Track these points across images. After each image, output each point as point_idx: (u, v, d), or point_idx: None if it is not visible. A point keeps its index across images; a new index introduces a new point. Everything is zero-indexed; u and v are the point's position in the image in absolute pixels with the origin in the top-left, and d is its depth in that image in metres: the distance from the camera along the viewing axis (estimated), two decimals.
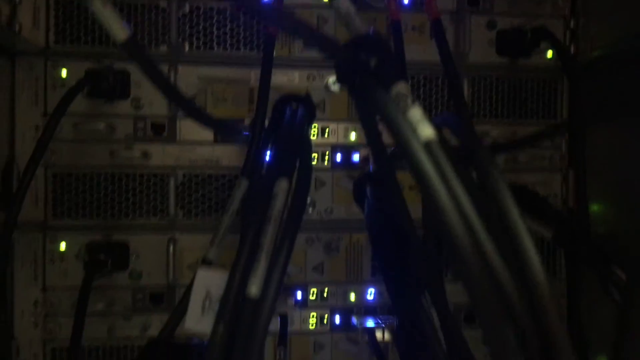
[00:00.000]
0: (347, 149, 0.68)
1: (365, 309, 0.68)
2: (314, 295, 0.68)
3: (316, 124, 0.68)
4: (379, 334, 0.65)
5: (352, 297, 0.68)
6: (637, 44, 0.63)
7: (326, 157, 0.68)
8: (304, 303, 0.68)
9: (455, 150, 0.33)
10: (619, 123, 0.67)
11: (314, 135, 0.68)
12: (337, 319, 0.68)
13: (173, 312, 0.48)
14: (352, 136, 0.69)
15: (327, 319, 0.68)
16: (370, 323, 0.66)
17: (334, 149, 0.68)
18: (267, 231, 0.33)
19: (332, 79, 0.68)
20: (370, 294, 0.68)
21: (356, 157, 0.68)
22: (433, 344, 0.35)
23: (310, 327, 0.68)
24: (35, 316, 0.63)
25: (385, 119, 0.26)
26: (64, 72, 0.64)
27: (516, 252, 0.24)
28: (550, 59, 0.71)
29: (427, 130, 0.26)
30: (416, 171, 0.23)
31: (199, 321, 0.32)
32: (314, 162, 0.68)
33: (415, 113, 0.27)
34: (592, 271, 0.46)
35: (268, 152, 0.51)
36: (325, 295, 0.68)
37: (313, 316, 0.68)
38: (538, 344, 0.22)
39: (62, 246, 0.64)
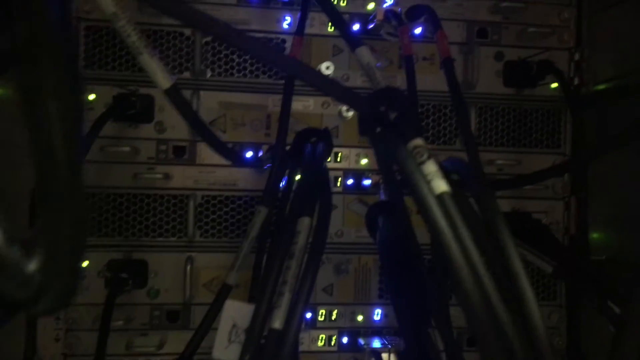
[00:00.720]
0: (359, 174, 0.71)
1: (372, 330, 0.71)
2: (323, 317, 0.70)
3: None
4: (384, 355, 0.67)
5: (360, 318, 0.71)
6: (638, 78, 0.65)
7: (338, 181, 0.71)
8: (313, 323, 0.70)
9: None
10: (623, 152, 0.69)
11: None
12: (345, 340, 0.70)
13: (195, 334, 0.50)
14: (364, 161, 0.71)
15: (334, 339, 0.71)
16: (376, 344, 0.68)
17: (346, 173, 0.71)
18: (291, 267, 0.35)
19: (345, 106, 0.70)
20: (377, 315, 0.71)
21: (367, 182, 0.71)
22: None
23: (319, 346, 0.70)
24: (57, 330, 0.66)
25: (404, 172, 0.28)
26: (91, 96, 0.67)
27: (519, 296, 0.26)
28: (554, 89, 0.74)
29: (440, 184, 0.29)
30: (430, 222, 0.26)
31: (225, 350, 0.35)
32: None
33: (430, 167, 0.29)
34: (589, 305, 0.48)
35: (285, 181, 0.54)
36: (333, 316, 0.71)
37: (322, 337, 0.70)
38: None
39: (85, 264, 0.66)
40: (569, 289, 0.62)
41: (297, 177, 0.50)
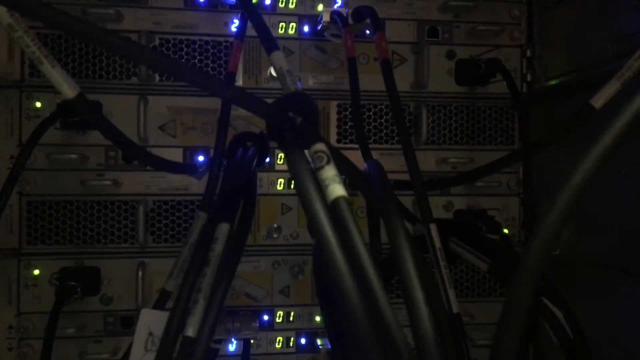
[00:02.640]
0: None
1: None
2: (280, 318, 0.70)
3: None
4: None
5: (318, 318, 0.71)
6: (588, 73, 0.66)
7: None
8: (271, 325, 0.70)
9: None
10: (571, 147, 0.70)
11: None
12: (303, 341, 0.70)
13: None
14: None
15: (292, 341, 0.71)
16: None
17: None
18: (206, 274, 0.35)
19: None
20: None
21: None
22: None
23: (277, 348, 0.70)
24: (10, 340, 0.66)
25: (293, 179, 0.28)
26: (38, 104, 0.67)
27: (409, 309, 0.26)
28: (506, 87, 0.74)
29: (336, 189, 0.29)
30: (317, 232, 0.26)
31: (142, 358, 0.34)
32: (279, 188, 0.71)
33: (329, 172, 0.29)
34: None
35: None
36: (291, 317, 0.71)
37: (279, 339, 0.70)
38: None
39: (36, 272, 0.66)
40: (505, 287, 0.62)
41: None
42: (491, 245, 0.54)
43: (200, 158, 0.69)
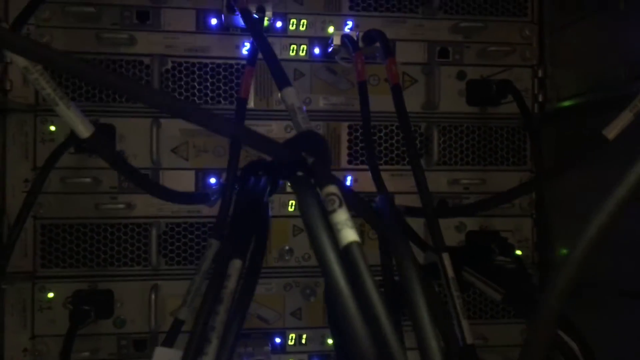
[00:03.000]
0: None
1: None
2: (292, 341, 0.70)
3: None
4: None
5: (330, 341, 0.71)
6: (601, 95, 0.65)
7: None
8: (283, 348, 0.70)
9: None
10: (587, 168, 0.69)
11: None
12: None
13: None
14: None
15: None
16: None
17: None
18: (219, 312, 0.35)
19: None
20: None
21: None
22: None
23: None
24: None
25: (304, 222, 0.28)
26: (52, 127, 0.67)
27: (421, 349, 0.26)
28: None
29: (349, 234, 0.29)
30: (329, 280, 0.26)
31: None
32: (291, 209, 0.71)
33: (341, 216, 0.29)
34: None
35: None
36: (303, 340, 0.70)
37: None
38: None
39: (50, 295, 0.67)
40: (518, 315, 0.62)
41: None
42: (505, 274, 0.54)
43: (212, 180, 0.70)
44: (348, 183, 0.72)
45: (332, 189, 0.31)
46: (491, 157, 0.74)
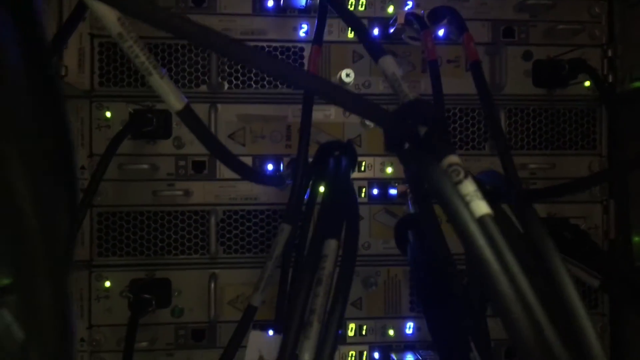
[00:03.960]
0: (384, 184, 0.69)
1: (405, 345, 0.68)
2: (352, 331, 0.68)
3: None
4: None
5: (391, 332, 0.68)
6: None
7: (363, 192, 0.69)
8: (343, 339, 0.68)
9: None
10: None
11: None
12: (376, 355, 0.68)
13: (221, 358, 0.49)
14: (389, 170, 0.69)
15: (365, 355, 0.68)
16: (409, 358, 0.65)
17: (371, 183, 0.69)
18: (319, 294, 0.33)
19: None
20: (409, 328, 0.68)
21: (393, 192, 0.68)
22: None
23: None
24: (81, 353, 0.65)
25: (437, 195, 0.26)
26: (108, 114, 0.66)
27: (569, 313, 0.24)
28: (588, 88, 0.70)
29: (481, 206, 0.26)
30: (473, 252, 0.24)
31: None
32: None
33: (469, 187, 0.27)
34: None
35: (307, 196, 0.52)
36: (363, 331, 0.68)
37: (352, 353, 0.68)
38: None
39: (107, 284, 0.65)
40: (614, 301, 0.58)
41: (321, 190, 0.48)
42: (600, 258, 0.50)
43: (269, 167, 0.68)
44: None
45: (454, 159, 0.28)
46: (559, 140, 0.70)
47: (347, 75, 0.67)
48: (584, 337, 0.23)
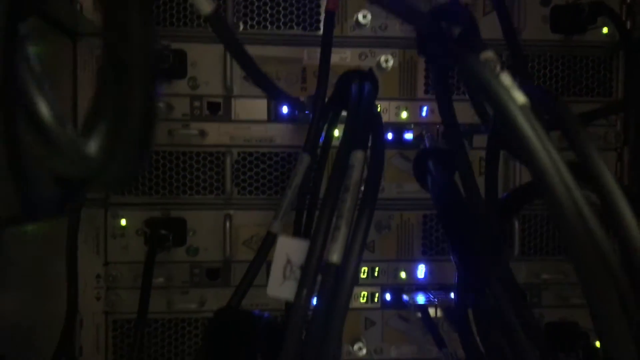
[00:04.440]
0: (399, 128, 0.69)
1: (416, 287, 0.69)
2: (365, 274, 0.69)
3: None
4: (431, 311, 0.65)
5: (403, 275, 0.69)
6: None
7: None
8: (354, 280, 0.69)
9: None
10: None
11: None
12: (388, 297, 0.69)
13: (240, 283, 0.49)
14: (404, 114, 0.69)
15: (377, 296, 0.69)
16: (421, 298, 0.66)
17: (386, 127, 0.68)
18: (346, 200, 0.33)
19: (383, 57, 0.68)
20: (421, 271, 0.69)
21: (408, 136, 0.68)
22: (508, 316, 0.35)
23: (361, 303, 0.69)
24: (98, 289, 0.66)
25: (479, 83, 0.26)
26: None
27: (613, 216, 0.24)
28: (605, 35, 0.69)
29: (519, 96, 0.26)
30: (516, 134, 0.24)
31: (280, 287, 0.33)
32: None
33: (506, 79, 0.27)
34: None
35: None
36: (376, 273, 0.69)
37: (364, 294, 0.69)
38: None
39: (123, 222, 0.66)
40: None
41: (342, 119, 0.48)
42: None
43: (284, 109, 0.67)
44: (424, 114, 0.69)
45: (490, 54, 0.28)
46: (575, 87, 0.70)
47: (364, 16, 0.67)
48: (621, 223, 0.24)
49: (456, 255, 0.42)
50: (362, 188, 0.35)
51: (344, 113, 0.48)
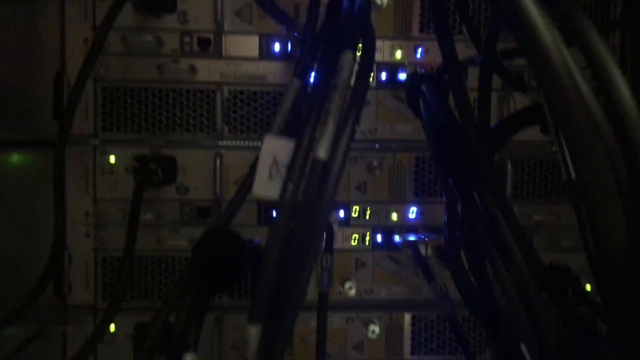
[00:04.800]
0: (393, 68, 0.68)
1: (407, 228, 0.69)
2: (356, 213, 0.68)
3: None
4: (422, 249, 0.65)
5: (394, 216, 0.69)
6: None
7: (371, 76, 0.68)
8: (347, 221, 0.68)
9: None
10: None
11: None
12: (379, 238, 0.69)
13: (229, 205, 0.49)
14: (398, 54, 0.68)
15: (368, 237, 0.69)
16: (412, 239, 0.66)
17: (379, 67, 0.67)
18: (334, 99, 0.33)
19: None
20: (413, 213, 0.69)
21: (402, 76, 0.67)
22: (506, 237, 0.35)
23: (352, 245, 0.69)
24: (87, 226, 0.65)
25: None
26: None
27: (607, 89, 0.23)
28: None
29: None
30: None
31: (266, 187, 0.33)
32: None
33: None
34: None
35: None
36: (367, 214, 0.68)
37: (355, 235, 0.68)
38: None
39: (112, 159, 0.65)
40: None
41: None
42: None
43: (277, 46, 0.66)
44: (418, 56, 0.68)
45: None
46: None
47: None
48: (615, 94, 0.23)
49: (446, 182, 0.42)
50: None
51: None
